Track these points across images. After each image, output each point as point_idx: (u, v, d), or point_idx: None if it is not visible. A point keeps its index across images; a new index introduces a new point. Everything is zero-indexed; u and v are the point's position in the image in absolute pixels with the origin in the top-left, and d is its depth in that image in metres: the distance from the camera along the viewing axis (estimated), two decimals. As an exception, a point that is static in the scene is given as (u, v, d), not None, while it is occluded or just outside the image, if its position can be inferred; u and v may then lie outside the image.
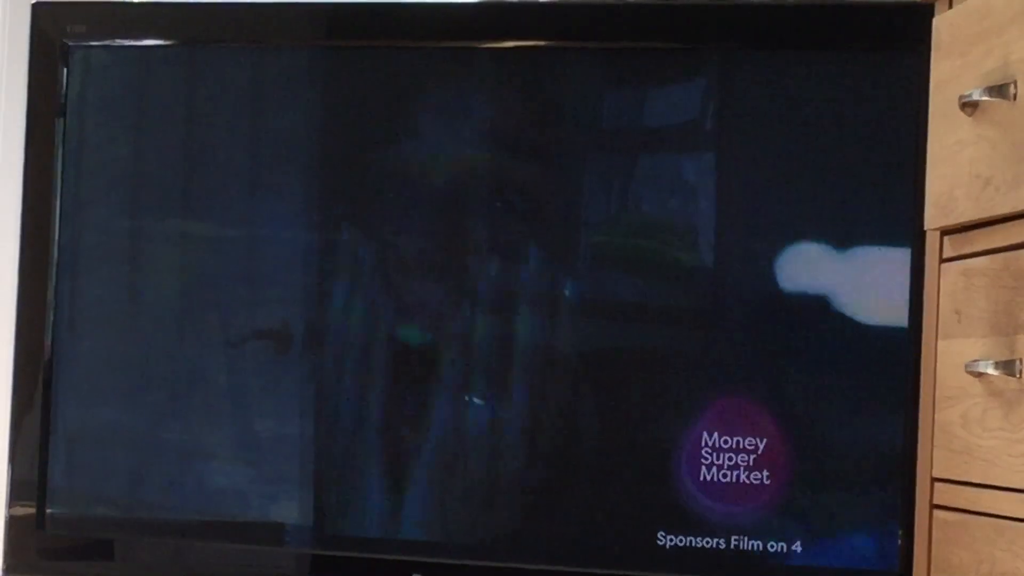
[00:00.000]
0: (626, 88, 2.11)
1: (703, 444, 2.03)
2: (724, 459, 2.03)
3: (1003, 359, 1.49)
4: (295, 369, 2.17)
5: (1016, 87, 1.47)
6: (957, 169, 1.60)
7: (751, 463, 2.02)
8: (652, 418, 2.06)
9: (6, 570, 2.23)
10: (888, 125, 2.00)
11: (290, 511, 2.17)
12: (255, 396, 2.18)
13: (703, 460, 2.03)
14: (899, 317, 1.97)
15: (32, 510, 2.22)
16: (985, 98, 1.52)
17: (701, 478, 2.03)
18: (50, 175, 2.22)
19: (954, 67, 1.61)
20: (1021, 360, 1.47)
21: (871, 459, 1.99)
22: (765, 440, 2.02)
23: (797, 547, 2.00)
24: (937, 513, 1.66)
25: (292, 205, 2.18)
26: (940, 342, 1.66)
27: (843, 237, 2.02)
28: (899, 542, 1.95)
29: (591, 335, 2.09)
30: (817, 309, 2.03)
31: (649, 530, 2.04)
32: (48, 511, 2.22)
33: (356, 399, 2.15)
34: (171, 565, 2.20)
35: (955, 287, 1.63)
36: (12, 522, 2.23)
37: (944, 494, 1.65)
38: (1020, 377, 1.47)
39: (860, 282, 2.02)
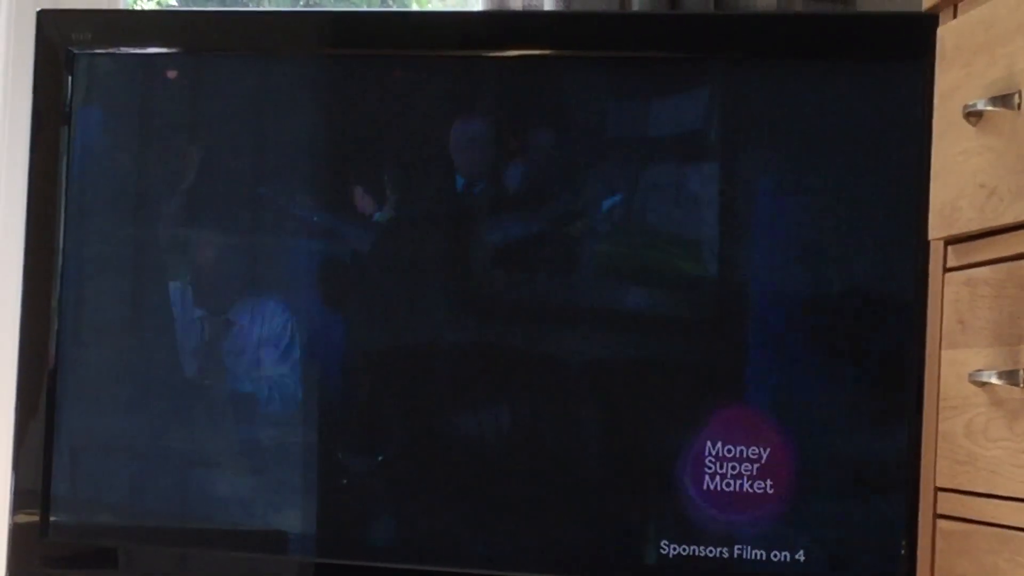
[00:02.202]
0: (631, 97, 2.11)
1: (706, 453, 2.03)
2: (728, 468, 2.02)
3: (1007, 369, 1.49)
4: (298, 378, 2.17)
5: (1021, 97, 1.47)
6: (961, 179, 1.59)
7: (754, 472, 2.02)
8: (655, 427, 2.06)
9: (9, 577, 2.24)
10: (892, 135, 2.00)
11: (293, 519, 2.17)
12: (258, 404, 2.18)
13: (706, 469, 2.03)
14: (903, 327, 1.97)
15: (36, 518, 2.21)
16: (989, 108, 1.52)
17: (704, 487, 2.03)
18: (55, 182, 2.22)
19: (959, 77, 1.61)
20: (1025, 370, 1.47)
21: (874, 468, 2.00)
22: (768, 449, 2.02)
23: (800, 556, 2.00)
24: (940, 523, 1.66)
25: (296, 213, 2.18)
26: (944, 352, 1.66)
27: (847, 246, 2.02)
28: (902, 552, 1.95)
29: (595, 344, 2.09)
30: (820, 318, 2.03)
31: (652, 539, 2.04)
32: (52, 519, 2.22)
33: (359, 408, 2.15)
34: (173, 572, 2.20)
35: (959, 297, 1.63)
36: (16, 530, 2.23)
37: (947, 504, 1.64)
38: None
39: (864, 292, 2.02)
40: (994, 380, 1.51)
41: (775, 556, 2.01)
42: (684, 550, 2.03)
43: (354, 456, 2.15)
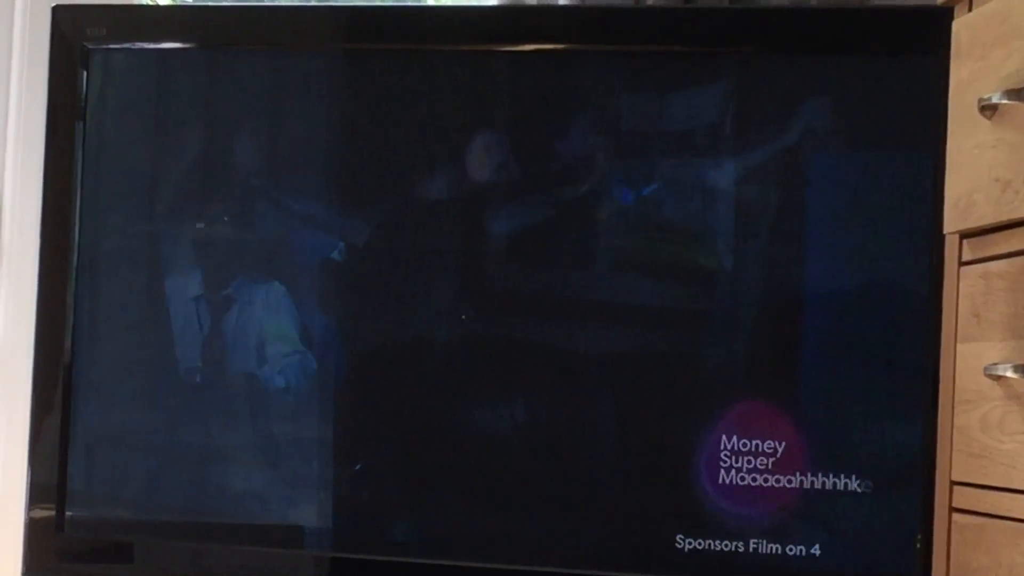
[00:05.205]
0: (645, 92, 2.11)
1: (722, 447, 2.03)
2: (743, 462, 2.02)
3: (1022, 363, 1.49)
4: (314, 372, 2.17)
5: (1036, 90, 1.48)
6: (976, 172, 1.59)
7: (770, 466, 2.02)
8: (670, 421, 2.06)
9: (26, 572, 2.24)
10: (907, 128, 2.00)
11: (308, 514, 2.17)
12: (274, 399, 2.18)
13: (722, 463, 2.03)
14: (918, 320, 1.97)
15: (51, 513, 2.22)
16: (1005, 101, 1.51)
17: (720, 481, 2.03)
18: (70, 178, 2.23)
19: (974, 70, 1.61)
20: (1041, 364, 1.47)
21: (890, 462, 1.99)
22: (784, 443, 2.02)
23: (816, 550, 2.00)
24: (956, 517, 1.66)
25: (311, 208, 2.18)
26: (959, 345, 1.66)
27: (862, 240, 2.02)
28: (918, 546, 1.95)
29: (610, 338, 2.09)
30: (836, 312, 2.03)
31: (668, 533, 2.04)
32: (67, 514, 2.22)
33: (375, 402, 2.15)
34: (189, 567, 2.21)
35: (974, 290, 1.63)
36: (32, 524, 2.23)
37: (963, 498, 1.64)
38: (1039, 381, 1.47)
39: (879, 285, 2.01)
40: (1009, 374, 1.51)
41: (790, 550, 2.01)
42: (700, 544, 2.03)
43: (371, 450, 2.15)
